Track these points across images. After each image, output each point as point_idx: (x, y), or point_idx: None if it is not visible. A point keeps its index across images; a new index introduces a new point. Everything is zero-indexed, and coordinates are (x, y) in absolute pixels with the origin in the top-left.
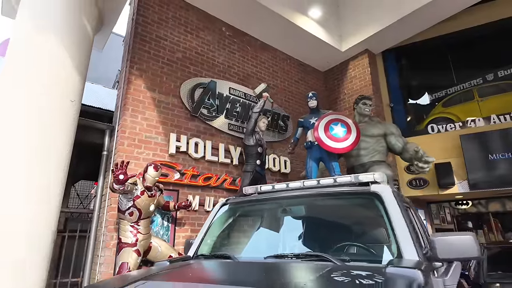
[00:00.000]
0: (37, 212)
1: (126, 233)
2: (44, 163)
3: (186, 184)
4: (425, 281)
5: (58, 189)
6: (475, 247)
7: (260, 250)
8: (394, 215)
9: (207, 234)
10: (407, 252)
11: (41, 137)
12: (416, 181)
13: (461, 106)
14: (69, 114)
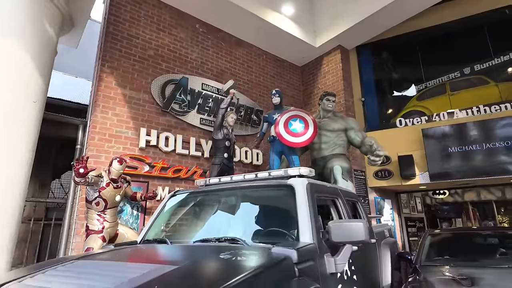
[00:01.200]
0: (2, 203)
1: (93, 221)
2: (8, 160)
3: (156, 176)
4: (298, 258)
5: (22, 183)
6: (363, 232)
7: (192, 235)
8: (300, 205)
9: (155, 222)
10: (304, 236)
11: (5, 137)
12: (382, 173)
13: (433, 100)
14: (32, 114)
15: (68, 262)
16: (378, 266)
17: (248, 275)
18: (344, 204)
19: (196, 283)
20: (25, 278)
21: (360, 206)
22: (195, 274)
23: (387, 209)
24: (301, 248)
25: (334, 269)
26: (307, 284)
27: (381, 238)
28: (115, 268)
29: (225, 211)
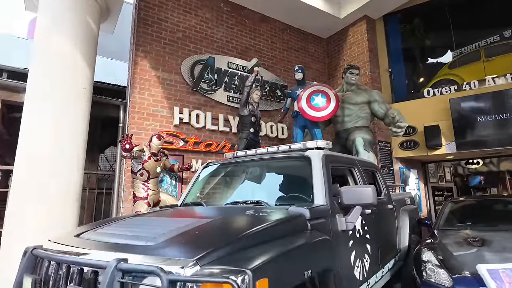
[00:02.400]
0: (67, 174)
1: (139, 189)
2: (73, 140)
3: (189, 150)
4: (311, 215)
5: (81, 158)
6: (371, 196)
7: (223, 199)
8: (315, 173)
9: (191, 189)
10: (318, 199)
11: (69, 120)
12: (407, 143)
13: (466, 67)
14: (84, 99)
15: (126, 218)
16: (396, 229)
17: (268, 225)
18: (360, 173)
19: (226, 230)
20: (96, 229)
21: (379, 175)
22: (226, 224)
23: (412, 179)
24: (313, 208)
25: (345, 226)
26: (317, 235)
27: (401, 205)
28: (164, 221)
29: (251, 180)
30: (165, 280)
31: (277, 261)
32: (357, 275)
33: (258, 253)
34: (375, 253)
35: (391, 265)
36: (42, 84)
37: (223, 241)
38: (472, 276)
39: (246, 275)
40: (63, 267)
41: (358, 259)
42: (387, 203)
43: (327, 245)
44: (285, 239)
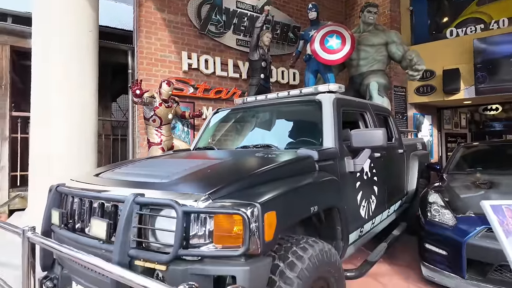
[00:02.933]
0: (79, 116)
1: (153, 135)
2: (83, 86)
3: (200, 97)
4: (319, 157)
5: (94, 105)
6: (381, 137)
7: (234, 144)
8: (325, 117)
9: (203, 135)
10: (327, 142)
11: (78, 66)
12: (423, 88)
13: (497, 4)
14: (91, 43)
15: (141, 160)
16: (404, 173)
17: (276, 165)
18: (372, 117)
19: (237, 169)
20: (114, 169)
21: (391, 120)
22: (236, 164)
23: (426, 125)
24: (322, 150)
25: (353, 168)
26: (325, 176)
27: (411, 150)
28: (177, 162)
29: (261, 125)
30: (180, 212)
31: (285, 197)
32: (363, 214)
33: (267, 189)
34: (382, 195)
35: (397, 206)
36: (46, 28)
37: (234, 178)
38: (476, 216)
39: (255, 208)
40: (86, 202)
41: (365, 199)
42: (398, 148)
43: (334, 185)
44: (293, 178)
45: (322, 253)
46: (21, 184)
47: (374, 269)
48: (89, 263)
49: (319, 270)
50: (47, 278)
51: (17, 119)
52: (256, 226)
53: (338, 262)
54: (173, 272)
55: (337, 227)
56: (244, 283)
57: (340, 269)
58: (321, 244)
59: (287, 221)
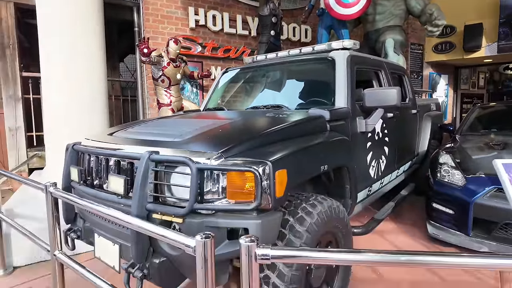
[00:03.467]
0: (86, 74)
1: (162, 96)
2: (89, 42)
3: (208, 56)
4: (330, 117)
5: (102, 63)
6: (395, 97)
7: (244, 104)
8: (338, 76)
9: (212, 95)
10: (339, 102)
11: (82, 23)
12: (442, 45)
13: None
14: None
15: (153, 120)
16: (416, 134)
17: (287, 125)
18: (387, 75)
19: (248, 129)
20: (127, 128)
21: (406, 79)
22: (247, 124)
23: (441, 84)
24: (333, 109)
25: (364, 128)
26: (336, 135)
27: (425, 110)
28: (188, 122)
29: (271, 85)
30: (194, 168)
31: (295, 156)
32: (372, 174)
33: (278, 148)
34: (392, 156)
35: (406, 167)
36: None
37: (245, 138)
38: (486, 176)
39: (267, 166)
40: (102, 160)
41: (375, 159)
42: (411, 108)
43: (344, 145)
44: (304, 138)
45: (331, 210)
46: (38, 144)
47: (381, 226)
48: (110, 215)
49: (327, 225)
50: (71, 230)
51: (28, 79)
52: (268, 183)
53: (346, 218)
54: (189, 225)
55: (346, 185)
56: (256, 234)
57: (348, 225)
58: (329, 201)
59: (298, 179)
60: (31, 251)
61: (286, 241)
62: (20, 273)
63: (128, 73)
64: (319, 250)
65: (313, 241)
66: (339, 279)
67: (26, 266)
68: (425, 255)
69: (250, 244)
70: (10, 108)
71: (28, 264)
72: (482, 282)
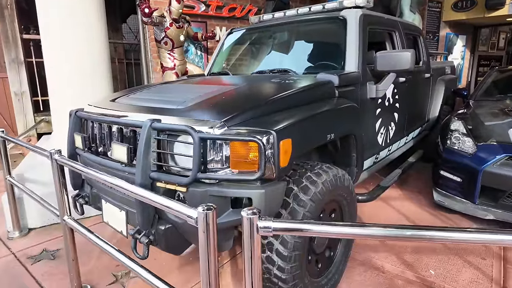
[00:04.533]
0: (85, 35)
1: (166, 59)
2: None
3: (212, 16)
4: (340, 82)
5: (102, 24)
6: (409, 60)
7: (249, 69)
8: (350, 37)
9: (217, 59)
10: (349, 65)
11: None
12: (463, 3)
13: None
14: None
15: (156, 85)
16: (428, 99)
17: (293, 91)
18: (401, 37)
19: (252, 96)
20: (129, 94)
21: (422, 40)
22: (251, 90)
23: (458, 46)
24: (343, 74)
25: (375, 94)
26: (344, 102)
27: (439, 74)
28: (192, 87)
29: (278, 47)
30: (196, 138)
31: (301, 125)
32: (380, 141)
33: (283, 117)
34: (402, 122)
35: (416, 133)
36: None
37: (249, 106)
38: (498, 144)
39: (271, 135)
40: (105, 127)
41: (383, 126)
42: (425, 72)
43: (352, 112)
44: (310, 105)
45: (336, 178)
46: (44, 109)
47: (387, 193)
48: (114, 184)
49: (332, 194)
50: (79, 196)
51: (29, 42)
52: (272, 153)
53: (351, 186)
54: (193, 194)
55: (352, 154)
56: (260, 204)
57: (352, 193)
58: (335, 170)
59: (303, 148)
60: (45, 214)
61: (289, 210)
62: (35, 234)
63: (132, 35)
64: (321, 223)
65: (317, 210)
66: (342, 245)
67: (41, 228)
68: (430, 229)
69: (252, 216)
70: (14, 73)
71: (43, 226)
72: (486, 248)
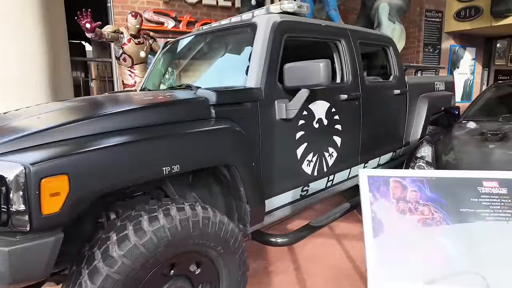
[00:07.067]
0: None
1: (126, 76)
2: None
3: (183, 32)
4: (217, 100)
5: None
6: (320, 73)
7: (168, 83)
8: (256, 47)
9: (152, 71)
10: (251, 80)
11: None
12: (466, 11)
13: None
14: None
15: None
16: (403, 119)
17: (163, 104)
18: (350, 47)
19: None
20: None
21: (392, 52)
22: (75, 111)
23: (466, 60)
24: (224, 91)
25: (285, 115)
26: (220, 123)
27: (422, 90)
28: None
29: (199, 59)
30: None
31: (99, 154)
32: (308, 170)
33: (74, 146)
34: (351, 146)
35: (386, 159)
36: None
37: (34, 130)
38: None
39: (21, 170)
40: None
41: (313, 152)
42: (395, 88)
43: (229, 137)
44: (145, 128)
45: (188, 223)
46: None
47: (337, 228)
48: None
49: (180, 244)
50: None
51: None
52: (22, 195)
53: (227, 233)
54: None
55: (239, 188)
56: (4, 268)
57: (231, 242)
58: (194, 211)
59: (105, 186)
60: None
61: (91, 269)
62: None
63: None
64: None
65: (135, 269)
66: None
67: None
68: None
69: None
70: None
71: None
72: None
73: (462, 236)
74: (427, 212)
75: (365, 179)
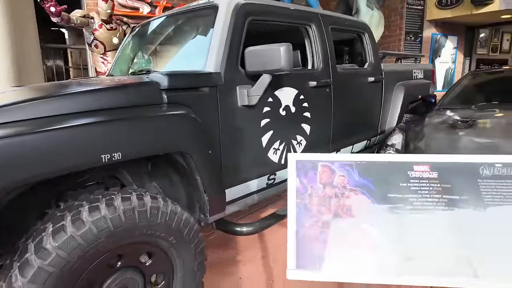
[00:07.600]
0: None
1: (99, 63)
2: None
3: None
4: (169, 84)
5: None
6: (282, 58)
7: (133, 67)
8: (216, 30)
9: (119, 57)
10: (210, 65)
11: None
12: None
13: None
14: None
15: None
16: (377, 107)
17: (104, 89)
18: (321, 33)
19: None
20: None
21: (368, 38)
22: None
23: (447, 48)
24: (176, 75)
25: (247, 101)
26: (171, 109)
27: (399, 78)
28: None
29: (161, 43)
30: None
31: (20, 142)
32: (274, 158)
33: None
34: (321, 134)
35: (360, 147)
36: None
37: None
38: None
39: None
40: None
41: (279, 140)
42: (369, 75)
43: (182, 124)
44: (79, 115)
45: (130, 213)
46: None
47: None
48: None
49: (128, 235)
50: None
51: None
52: None
53: (177, 222)
54: None
55: (196, 177)
56: None
57: (184, 232)
58: (136, 201)
59: (26, 176)
60: None
61: (22, 262)
62: None
63: None
64: None
65: (72, 261)
66: None
67: None
68: None
69: None
70: None
71: None
72: None
73: (389, 222)
74: (353, 198)
75: (293, 164)
